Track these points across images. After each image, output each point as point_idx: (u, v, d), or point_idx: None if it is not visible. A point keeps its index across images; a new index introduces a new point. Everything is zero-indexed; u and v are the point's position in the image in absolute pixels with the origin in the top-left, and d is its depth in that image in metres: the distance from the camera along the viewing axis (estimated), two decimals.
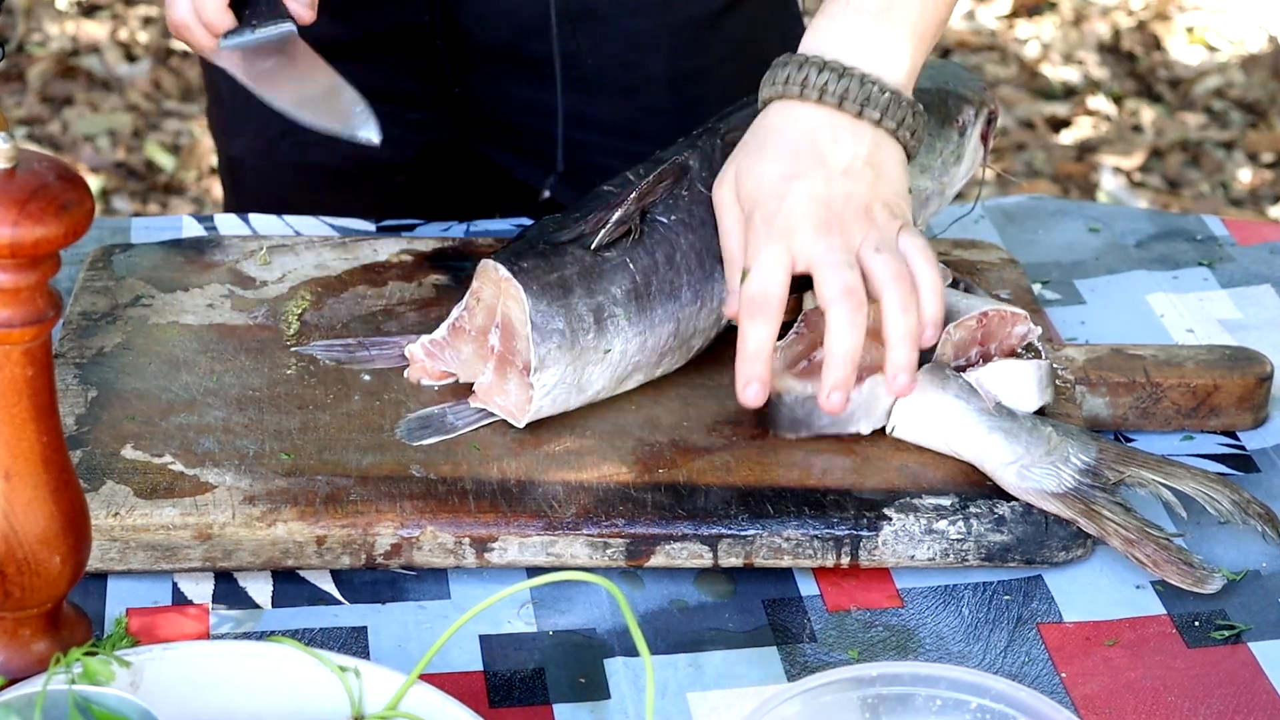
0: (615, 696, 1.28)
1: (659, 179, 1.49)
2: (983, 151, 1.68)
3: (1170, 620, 1.36)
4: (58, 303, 1.15)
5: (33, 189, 1.11)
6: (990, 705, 1.17)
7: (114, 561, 1.35)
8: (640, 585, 1.38)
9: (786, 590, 1.38)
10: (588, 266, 1.45)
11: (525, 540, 1.36)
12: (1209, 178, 4.09)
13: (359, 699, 1.17)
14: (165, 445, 1.42)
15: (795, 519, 1.38)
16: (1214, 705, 1.28)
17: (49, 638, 1.21)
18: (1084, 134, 4.22)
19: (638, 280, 1.46)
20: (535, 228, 1.49)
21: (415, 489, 1.38)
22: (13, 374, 1.14)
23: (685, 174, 1.50)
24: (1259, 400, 1.54)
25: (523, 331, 1.43)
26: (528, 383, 1.42)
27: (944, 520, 1.38)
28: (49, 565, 1.18)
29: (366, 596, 1.36)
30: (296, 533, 1.35)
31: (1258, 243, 1.78)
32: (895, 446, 1.45)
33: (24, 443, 1.16)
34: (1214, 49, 4.53)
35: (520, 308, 1.43)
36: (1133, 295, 1.70)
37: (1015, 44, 4.55)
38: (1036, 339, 1.49)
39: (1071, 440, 1.42)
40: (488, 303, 1.45)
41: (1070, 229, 1.80)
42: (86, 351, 1.51)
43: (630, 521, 1.37)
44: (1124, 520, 1.38)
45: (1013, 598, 1.38)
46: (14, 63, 4.24)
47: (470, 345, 1.47)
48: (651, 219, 1.48)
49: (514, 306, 1.43)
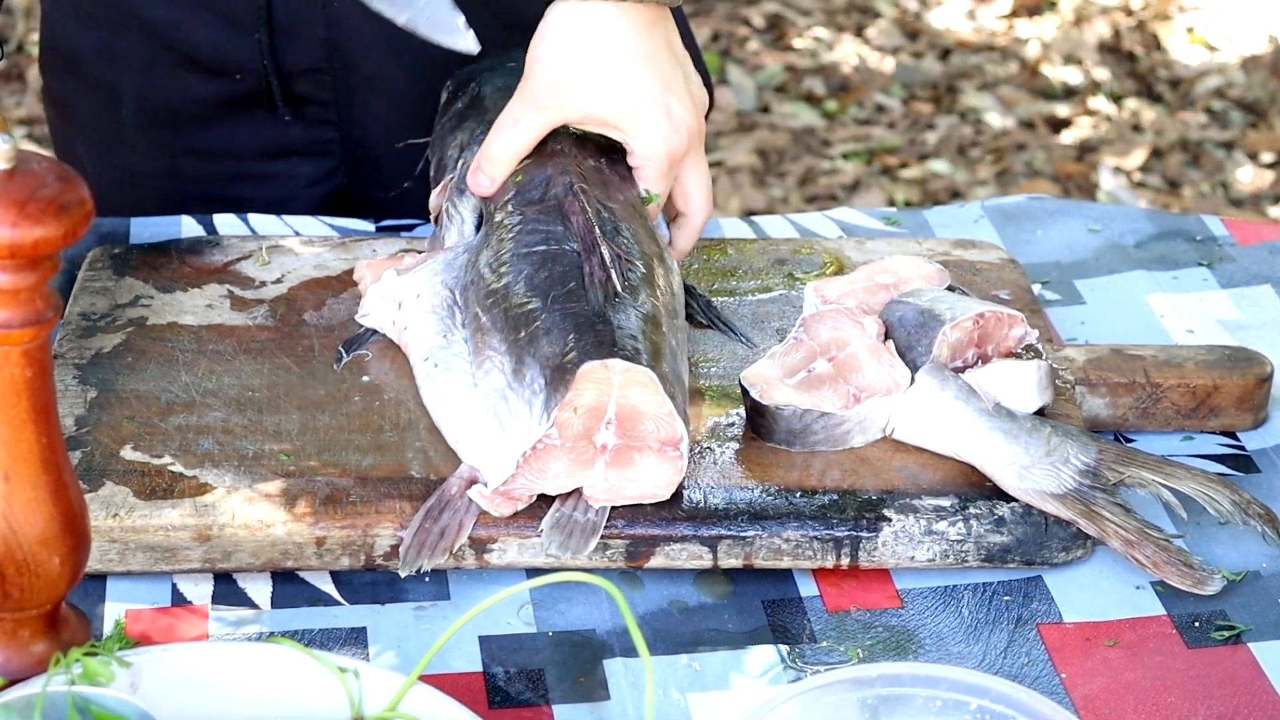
0: (615, 697, 1.28)
1: (581, 210, 1.48)
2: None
3: (1170, 621, 1.36)
4: (57, 304, 1.15)
5: (32, 189, 1.10)
6: (990, 706, 1.17)
7: (113, 562, 1.35)
8: (640, 586, 1.38)
9: (786, 591, 1.38)
10: (647, 315, 1.42)
11: (525, 541, 1.36)
12: (1209, 178, 4.09)
13: (358, 700, 1.17)
14: (165, 446, 1.42)
15: (795, 520, 1.38)
16: (1214, 706, 1.28)
17: (48, 639, 1.21)
18: (1084, 134, 4.22)
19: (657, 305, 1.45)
20: (566, 308, 1.41)
21: (415, 490, 1.38)
22: (12, 375, 1.14)
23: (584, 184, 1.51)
24: (1259, 400, 1.54)
25: (660, 411, 1.35)
26: (672, 455, 1.36)
27: (944, 521, 1.38)
28: (48, 566, 1.18)
29: (366, 597, 1.36)
30: (296, 534, 1.35)
31: (1257, 243, 1.78)
32: (895, 447, 1.45)
33: (23, 444, 1.16)
34: (1214, 49, 4.53)
35: (651, 389, 1.35)
36: (1132, 295, 1.70)
37: (1015, 44, 4.55)
38: (1035, 340, 1.49)
39: (1071, 441, 1.42)
40: (590, 405, 1.34)
41: (1070, 229, 1.80)
42: (86, 352, 1.51)
43: (630, 523, 1.37)
44: (1124, 521, 1.38)
45: (1013, 598, 1.38)
46: (14, 63, 4.24)
47: (562, 460, 1.35)
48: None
49: (639, 392, 1.35)
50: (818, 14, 4.68)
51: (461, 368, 1.44)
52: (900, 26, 4.64)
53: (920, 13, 4.69)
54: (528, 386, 1.38)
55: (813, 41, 4.56)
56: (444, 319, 1.49)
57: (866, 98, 4.35)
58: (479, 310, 1.46)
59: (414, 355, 1.48)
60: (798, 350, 1.47)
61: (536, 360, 1.38)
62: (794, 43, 4.55)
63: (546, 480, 1.36)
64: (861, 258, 1.66)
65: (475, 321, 1.46)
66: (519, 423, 1.37)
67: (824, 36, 4.58)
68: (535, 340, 1.39)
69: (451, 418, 1.42)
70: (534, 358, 1.38)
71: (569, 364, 1.36)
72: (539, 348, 1.39)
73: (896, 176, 4.09)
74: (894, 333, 1.48)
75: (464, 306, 1.48)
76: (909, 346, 1.47)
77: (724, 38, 4.54)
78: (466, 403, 1.41)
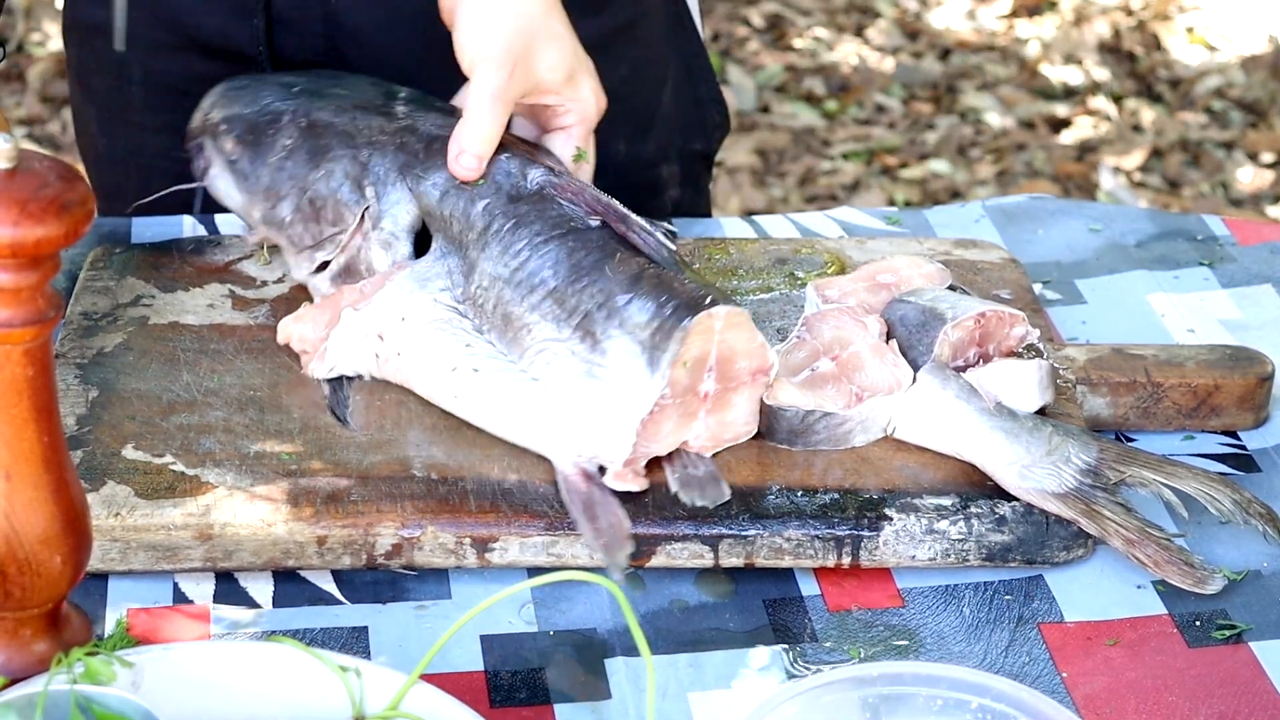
0: (616, 696, 1.28)
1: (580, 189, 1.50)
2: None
3: (1171, 620, 1.36)
4: (58, 303, 1.15)
5: (33, 189, 1.10)
6: (991, 705, 1.17)
7: (115, 562, 1.35)
8: (641, 585, 1.38)
9: (787, 590, 1.38)
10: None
11: (526, 540, 1.36)
12: (1209, 178, 4.10)
13: (360, 699, 1.17)
14: (166, 445, 1.42)
15: (796, 519, 1.38)
16: (1215, 705, 1.28)
17: (50, 638, 1.21)
18: (1084, 134, 4.22)
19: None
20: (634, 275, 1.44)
21: (416, 489, 1.38)
22: (13, 374, 1.14)
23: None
24: (1260, 400, 1.54)
25: (753, 345, 1.41)
26: (762, 381, 1.42)
27: (945, 520, 1.38)
28: (50, 565, 1.18)
29: (367, 596, 1.36)
30: (297, 533, 1.35)
31: (1258, 243, 1.78)
32: (895, 446, 1.45)
33: (25, 443, 1.16)
34: (1214, 49, 4.53)
35: (745, 326, 1.40)
36: (1133, 295, 1.70)
37: (1015, 44, 4.55)
38: (1037, 339, 1.50)
39: (1072, 440, 1.42)
40: (696, 356, 1.39)
41: (1070, 229, 1.80)
42: (87, 352, 1.51)
43: (631, 522, 1.37)
44: (1125, 520, 1.38)
45: (1014, 597, 1.38)
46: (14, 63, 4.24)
47: (672, 417, 1.39)
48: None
49: (735, 333, 1.40)
50: (818, 14, 4.68)
51: (504, 367, 1.44)
52: (900, 26, 4.64)
53: (920, 13, 4.69)
54: (620, 358, 1.40)
55: (813, 41, 4.56)
56: (455, 328, 1.47)
57: (866, 98, 4.35)
58: (512, 309, 1.44)
59: (434, 370, 1.45)
60: (801, 349, 1.47)
61: (626, 331, 1.40)
62: (794, 43, 4.55)
63: (659, 442, 1.39)
64: (863, 257, 1.66)
65: (507, 321, 1.44)
66: (620, 395, 1.39)
67: (824, 36, 4.58)
68: (616, 314, 1.41)
69: (519, 415, 1.42)
70: (622, 329, 1.40)
71: (669, 324, 1.39)
72: (625, 319, 1.41)
73: (896, 176, 4.09)
74: (895, 332, 1.48)
75: (479, 312, 1.47)
76: (910, 346, 1.47)
77: (724, 38, 4.55)
78: (533, 396, 1.41)
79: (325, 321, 1.49)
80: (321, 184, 1.55)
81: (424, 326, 1.47)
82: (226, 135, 1.59)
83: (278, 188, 1.56)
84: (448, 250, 1.50)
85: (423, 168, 1.52)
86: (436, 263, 1.50)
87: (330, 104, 1.58)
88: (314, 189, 1.55)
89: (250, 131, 1.58)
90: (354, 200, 1.53)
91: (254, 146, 1.57)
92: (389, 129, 1.55)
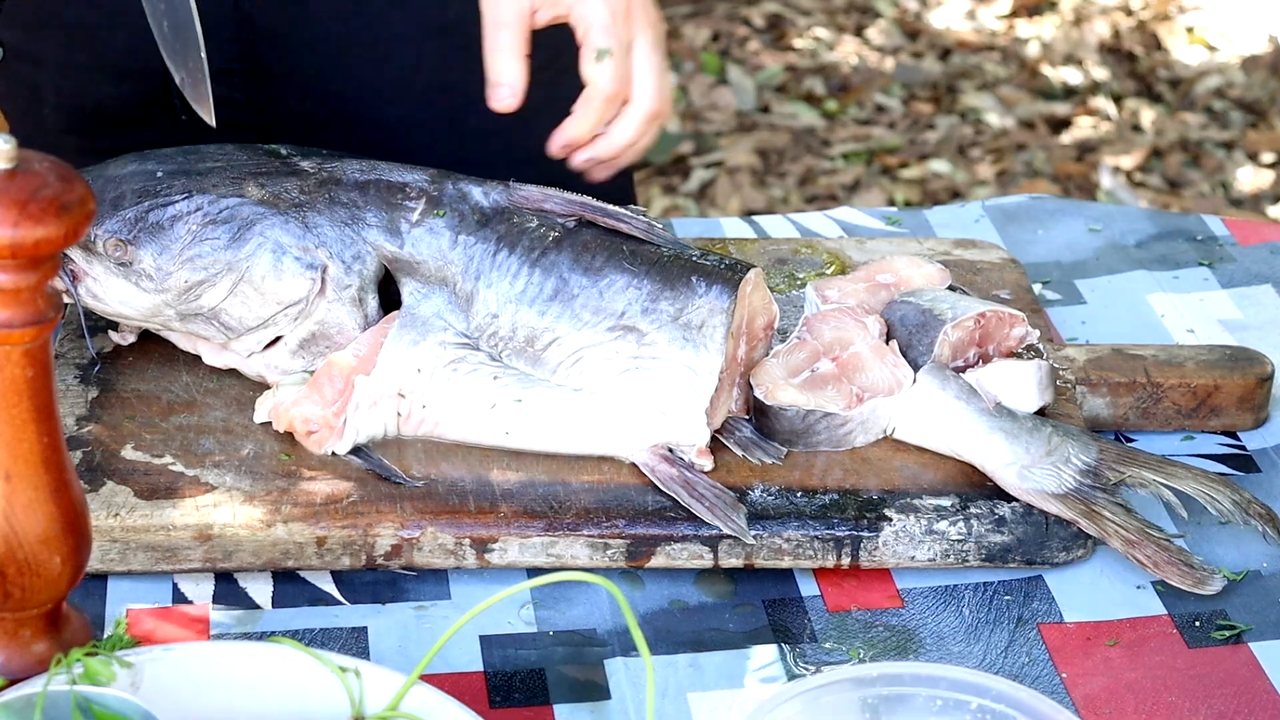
0: (615, 696, 1.28)
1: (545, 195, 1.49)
2: None
3: (1171, 620, 1.36)
4: (58, 303, 1.15)
5: (33, 189, 1.10)
6: (991, 705, 1.17)
7: (114, 562, 1.35)
8: (640, 585, 1.38)
9: (787, 590, 1.38)
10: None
11: (525, 541, 1.36)
12: (1209, 178, 4.09)
13: (359, 699, 1.17)
14: (165, 446, 1.42)
15: (795, 520, 1.38)
16: (1214, 705, 1.28)
17: (49, 638, 1.21)
18: (1084, 134, 4.22)
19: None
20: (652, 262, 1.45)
21: (415, 490, 1.38)
22: (13, 375, 1.14)
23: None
24: (1259, 400, 1.54)
25: (767, 300, 1.48)
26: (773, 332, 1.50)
27: (944, 521, 1.38)
28: (49, 566, 1.18)
29: (367, 597, 1.36)
30: (297, 533, 1.35)
31: (1258, 243, 1.78)
32: (895, 447, 1.45)
33: (24, 443, 1.16)
34: (1214, 49, 4.53)
35: (759, 283, 1.47)
36: (1133, 295, 1.70)
37: (1015, 44, 4.55)
38: (1036, 339, 1.50)
39: (1072, 441, 1.42)
40: (738, 324, 1.45)
41: (1070, 229, 1.80)
42: (87, 352, 1.51)
43: (631, 522, 1.37)
44: (1124, 521, 1.38)
45: (1013, 598, 1.38)
46: None
47: (724, 389, 1.44)
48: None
49: (754, 292, 1.46)
50: (818, 14, 4.68)
51: (544, 388, 1.42)
52: (900, 26, 4.64)
53: (920, 13, 4.69)
54: (666, 347, 1.42)
55: (813, 41, 4.56)
56: (474, 364, 1.43)
57: (866, 98, 4.35)
58: (534, 326, 1.43)
59: (472, 412, 1.42)
60: (801, 350, 1.47)
61: (667, 318, 1.43)
62: (794, 43, 4.55)
63: (717, 415, 1.44)
64: (862, 257, 1.66)
65: (530, 340, 1.42)
66: (677, 381, 1.42)
67: (824, 36, 4.58)
68: (650, 305, 1.43)
69: (580, 428, 1.42)
70: (661, 318, 1.43)
71: (710, 302, 1.43)
72: (660, 309, 1.43)
73: (896, 176, 4.09)
74: (895, 332, 1.48)
75: (493, 340, 1.43)
76: (910, 346, 1.47)
77: (724, 38, 4.54)
78: (586, 406, 1.42)
79: (332, 396, 1.42)
80: (256, 260, 1.44)
81: (443, 372, 1.43)
82: (106, 240, 1.44)
83: (195, 278, 1.45)
84: (426, 291, 1.45)
85: (373, 215, 1.46)
86: (421, 305, 1.45)
87: (218, 178, 1.47)
88: (249, 267, 1.44)
89: (133, 229, 1.45)
90: (304, 266, 1.45)
91: (148, 244, 1.44)
92: (308, 187, 1.46)
